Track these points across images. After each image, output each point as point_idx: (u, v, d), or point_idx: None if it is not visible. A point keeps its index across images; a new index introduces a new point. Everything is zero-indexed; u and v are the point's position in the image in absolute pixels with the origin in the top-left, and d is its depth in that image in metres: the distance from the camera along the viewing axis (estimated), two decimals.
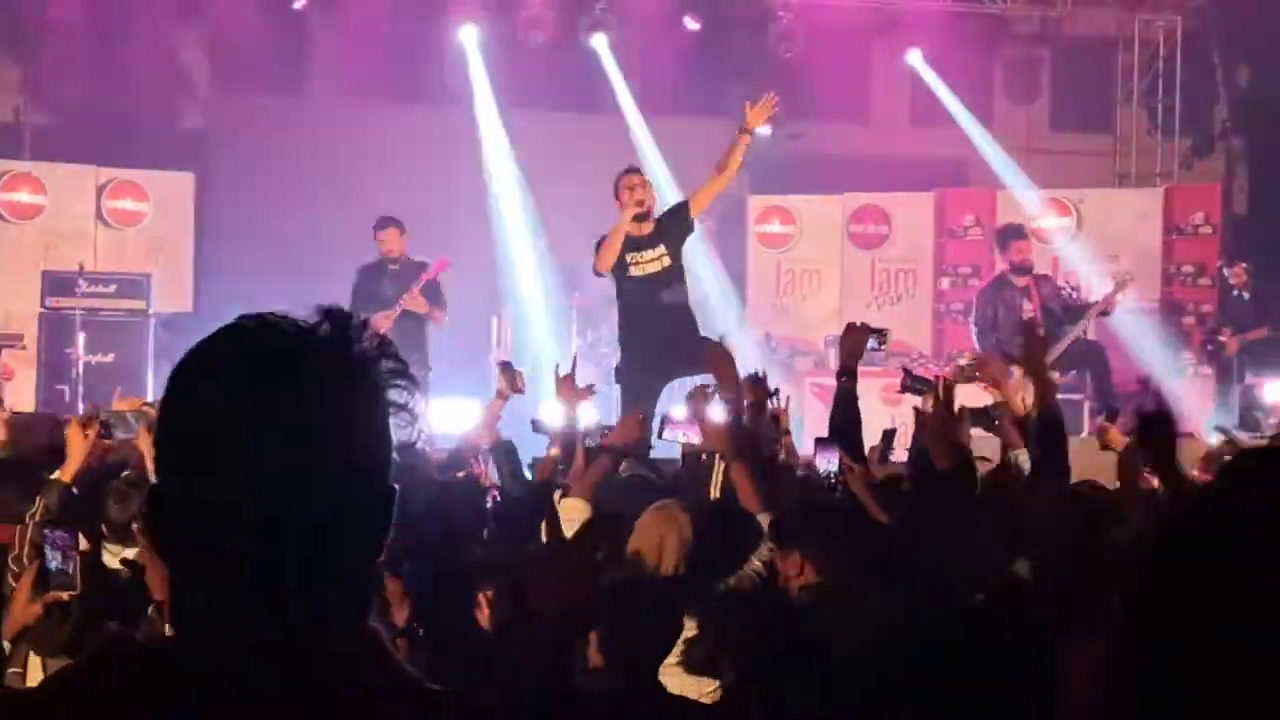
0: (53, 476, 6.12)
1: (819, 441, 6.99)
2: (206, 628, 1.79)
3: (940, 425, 6.02)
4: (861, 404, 7.30)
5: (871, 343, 7.63)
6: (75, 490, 6.14)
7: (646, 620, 4.62)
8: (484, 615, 5.72)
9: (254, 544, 1.75)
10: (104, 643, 1.83)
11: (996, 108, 19.58)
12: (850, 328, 7.67)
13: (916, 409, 6.53)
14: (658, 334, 10.68)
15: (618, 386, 11.04)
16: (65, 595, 5.03)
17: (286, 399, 1.77)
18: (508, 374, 8.79)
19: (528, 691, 2.04)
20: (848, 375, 7.34)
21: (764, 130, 18.78)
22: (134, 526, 6.06)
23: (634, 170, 11.30)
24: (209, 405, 1.78)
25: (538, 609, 2.98)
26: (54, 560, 4.98)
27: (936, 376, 7.49)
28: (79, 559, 5.11)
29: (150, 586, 4.91)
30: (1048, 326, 13.57)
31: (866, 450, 7.32)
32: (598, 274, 11.10)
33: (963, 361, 8.04)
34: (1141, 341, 16.08)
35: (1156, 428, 5.59)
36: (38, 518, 5.75)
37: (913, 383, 7.84)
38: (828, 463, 6.73)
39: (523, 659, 2.00)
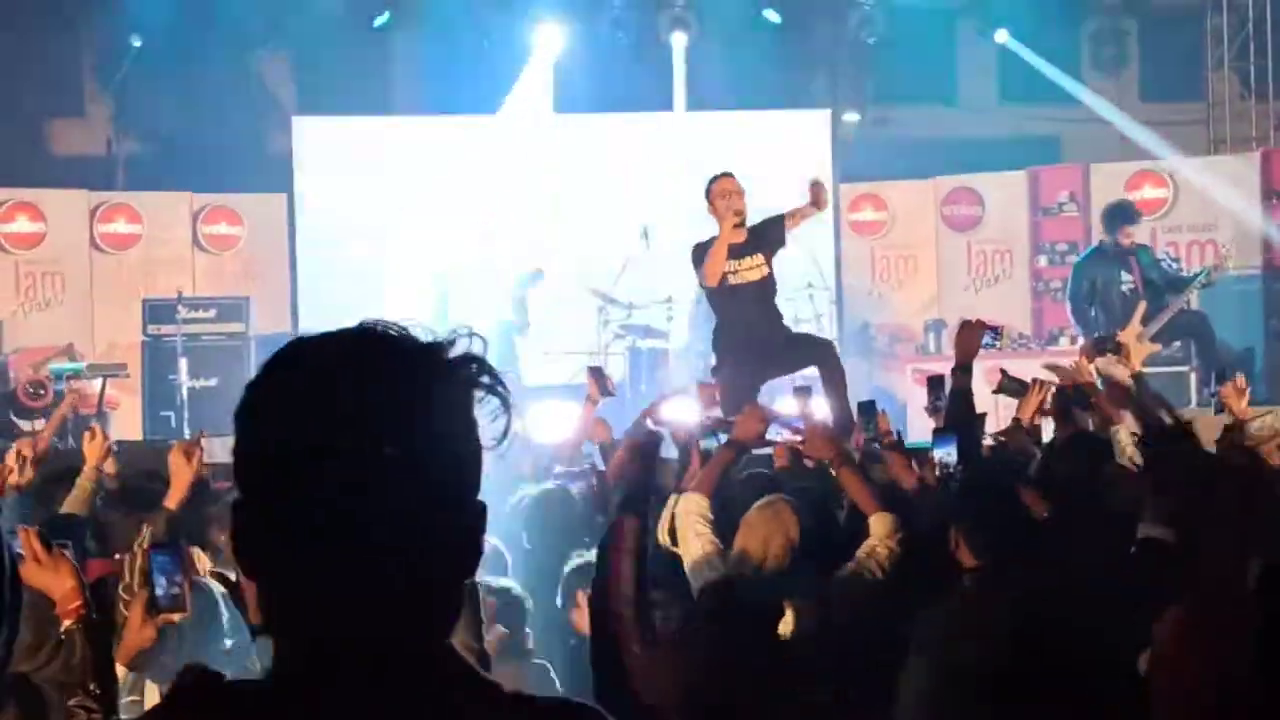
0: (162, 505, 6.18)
1: (937, 433, 6.97)
2: (301, 652, 1.77)
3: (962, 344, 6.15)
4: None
5: (986, 339, 7.61)
6: (181, 516, 6.19)
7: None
8: (580, 616, 5.72)
9: (341, 563, 1.73)
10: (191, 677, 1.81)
11: (1085, 82, 19.36)
12: (965, 324, 7.64)
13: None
14: (755, 339, 10.66)
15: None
16: (176, 618, 5.06)
17: (374, 409, 1.73)
18: (598, 378, 8.79)
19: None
20: (963, 372, 7.29)
21: (851, 116, 18.83)
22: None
23: (727, 175, 11.11)
24: (288, 419, 1.75)
25: None
26: (162, 585, 5.00)
27: (1034, 380, 7.44)
28: (188, 581, 5.14)
29: (246, 608, 4.93)
30: (1149, 298, 13.41)
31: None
32: (704, 287, 11.05)
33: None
34: (1245, 309, 15.86)
35: None
36: (145, 545, 5.80)
37: (1008, 383, 7.76)
38: (946, 454, 6.70)
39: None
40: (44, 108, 18.53)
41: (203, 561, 6.37)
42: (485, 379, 1.80)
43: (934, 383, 8.32)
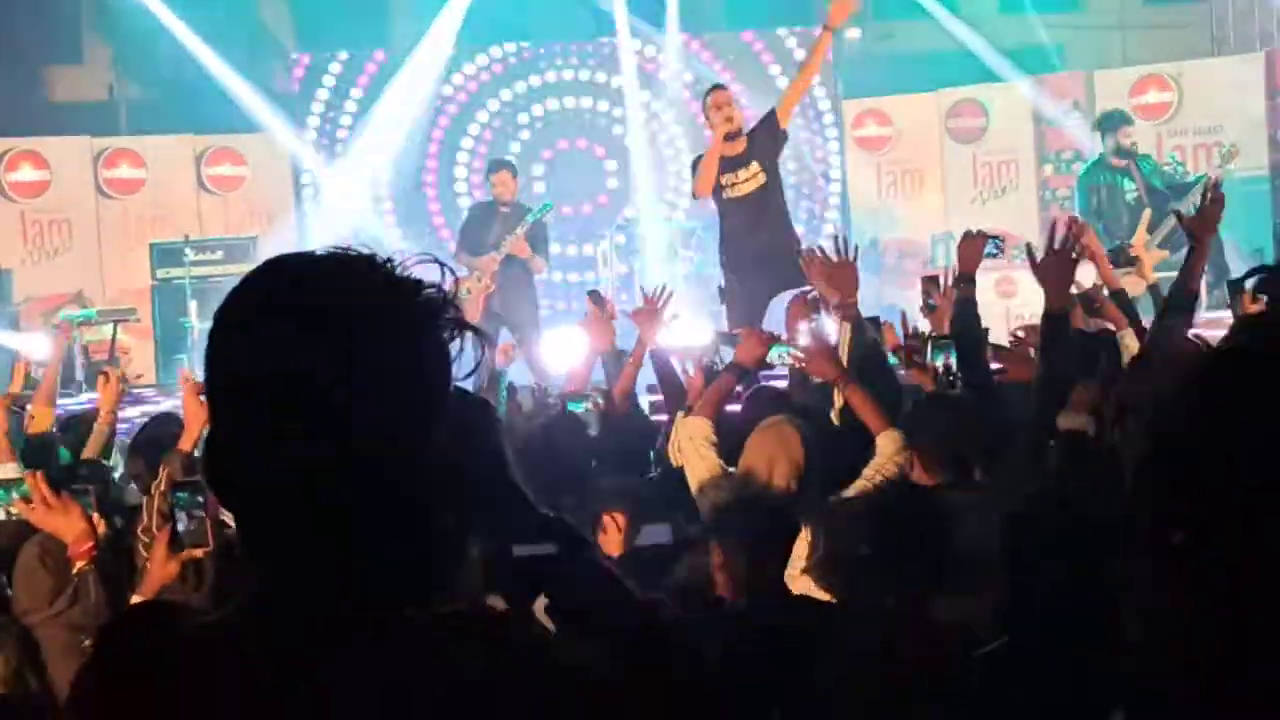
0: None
1: (936, 340, 6.99)
2: (265, 584, 1.78)
3: (1059, 264, 6.06)
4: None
5: (988, 248, 7.59)
6: (196, 456, 6.22)
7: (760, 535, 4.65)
8: (606, 539, 5.75)
9: (303, 489, 1.73)
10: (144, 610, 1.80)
11: None
12: (967, 236, 7.62)
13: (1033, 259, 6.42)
14: (759, 252, 10.64)
15: (724, 307, 11.02)
16: (199, 552, 5.09)
17: (334, 338, 1.72)
18: (597, 302, 8.79)
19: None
20: (966, 282, 7.29)
21: (853, 32, 18.70)
22: None
23: (719, 88, 11.24)
24: (251, 351, 1.75)
25: None
26: (184, 520, 5.03)
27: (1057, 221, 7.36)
28: (210, 517, 5.17)
29: None
30: (1153, 205, 13.37)
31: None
32: (695, 197, 11.09)
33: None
34: (1253, 211, 15.79)
35: None
36: (162, 487, 5.84)
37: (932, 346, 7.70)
38: (946, 360, 6.73)
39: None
40: (42, 55, 18.47)
41: None
42: (450, 312, 1.80)
43: (928, 282, 8.32)
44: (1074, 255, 6.35)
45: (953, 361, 6.70)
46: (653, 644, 1.89)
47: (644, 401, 8.64)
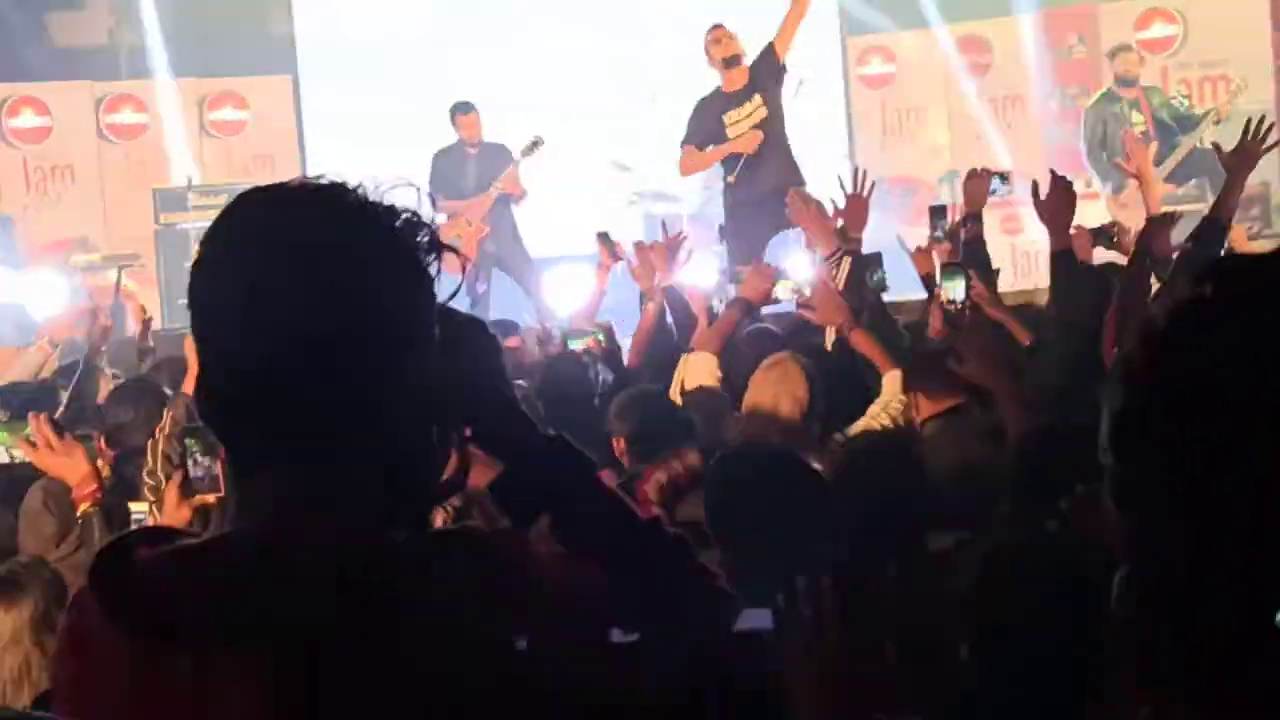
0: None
1: (944, 268, 6.97)
2: (247, 510, 1.78)
3: (1058, 200, 6.06)
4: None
5: (995, 185, 7.59)
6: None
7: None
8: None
9: (286, 419, 1.74)
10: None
11: None
12: (973, 173, 7.63)
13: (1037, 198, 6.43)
14: (762, 188, 10.62)
15: (725, 247, 11.02)
16: (211, 498, 5.09)
17: (306, 267, 1.74)
18: (606, 244, 8.78)
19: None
20: (974, 220, 7.30)
21: None
22: None
23: (716, 26, 11.26)
24: (229, 283, 1.77)
25: None
26: (196, 466, 5.01)
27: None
28: (221, 462, 5.17)
29: None
30: (1160, 138, 13.32)
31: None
32: (682, 175, 11.19)
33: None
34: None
35: None
36: (166, 430, 5.84)
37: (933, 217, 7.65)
38: (954, 290, 6.71)
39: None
40: (43, 1, 18.38)
41: None
42: (426, 235, 1.79)
43: (935, 212, 8.29)
44: (1072, 190, 6.39)
45: (961, 292, 6.69)
46: (654, 562, 1.88)
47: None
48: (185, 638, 1.69)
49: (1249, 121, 7.08)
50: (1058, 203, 6.36)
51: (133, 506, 4.83)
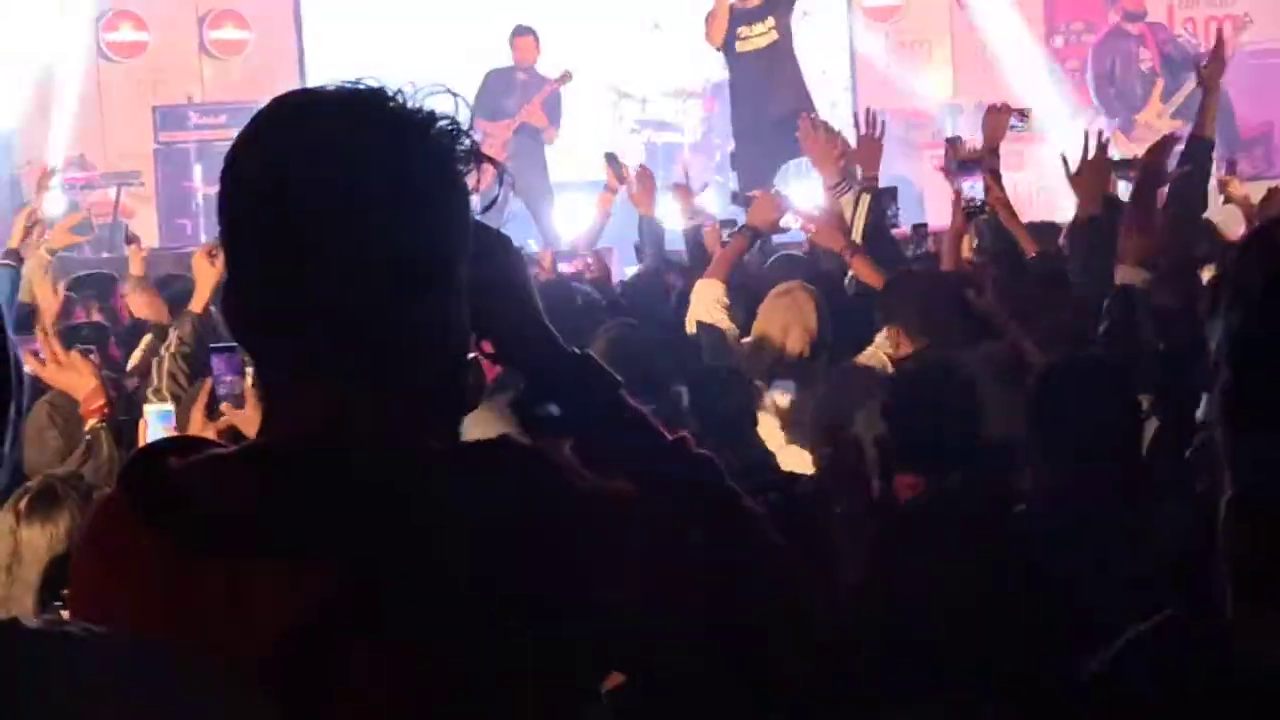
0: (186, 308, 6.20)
1: (962, 165, 6.98)
2: (279, 423, 1.77)
3: (1094, 173, 6.08)
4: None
5: (1014, 120, 7.60)
6: (207, 318, 6.20)
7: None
8: None
9: (317, 332, 1.72)
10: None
11: None
12: (992, 109, 7.64)
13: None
14: (772, 114, 10.57)
15: (734, 174, 10.98)
16: (239, 416, 5.06)
17: (343, 173, 1.70)
18: (613, 166, 8.76)
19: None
20: (991, 154, 7.31)
21: None
22: None
23: None
24: (262, 190, 1.73)
25: None
26: (222, 385, 4.99)
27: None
28: (245, 379, 5.14)
29: None
30: (1167, 75, 13.27)
31: None
32: (711, 44, 11.01)
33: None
34: (1266, 83, 15.67)
35: None
36: (173, 349, 5.82)
37: (958, 167, 7.64)
38: (971, 188, 6.73)
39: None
40: None
41: None
42: (465, 144, 1.77)
43: (951, 144, 8.28)
44: (1107, 160, 6.48)
45: (980, 191, 6.71)
46: (682, 480, 1.88)
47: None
48: (222, 544, 1.68)
49: (1218, 31, 7.23)
50: (1094, 175, 6.38)
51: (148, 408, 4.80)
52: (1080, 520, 3.48)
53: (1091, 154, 6.35)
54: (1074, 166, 6.45)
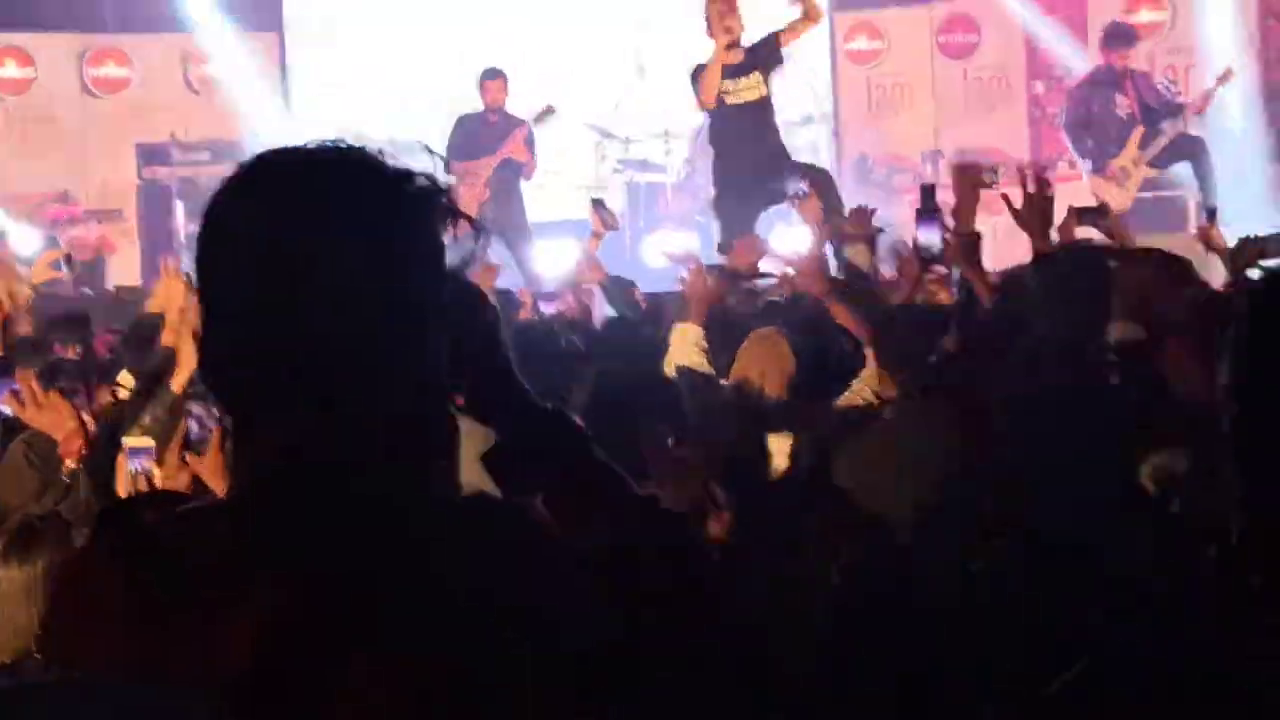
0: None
1: (919, 214, 6.95)
2: (250, 470, 1.78)
3: (1038, 208, 5.98)
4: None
5: (986, 177, 7.58)
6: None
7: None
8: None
9: (292, 382, 1.74)
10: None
11: None
12: (959, 169, 7.58)
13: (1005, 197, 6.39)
14: (755, 163, 10.65)
15: (715, 219, 11.04)
16: (210, 462, 5.06)
17: (322, 228, 1.73)
18: (600, 211, 8.78)
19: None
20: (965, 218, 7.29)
21: None
22: None
23: None
24: (240, 243, 1.76)
25: None
26: (194, 429, 5.01)
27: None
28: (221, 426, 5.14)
29: None
30: (1146, 122, 13.33)
31: None
32: (703, 107, 11.08)
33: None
34: (1245, 131, 15.76)
35: None
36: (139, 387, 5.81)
37: (916, 215, 7.57)
38: (927, 236, 6.69)
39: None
40: None
41: None
42: (443, 200, 1.80)
43: (925, 191, 8.27)
44: (1048, 196, 6.39)
45: (937, 239, 6.70)
46: (652, 536, 1.89)
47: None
48: (194, 592, 1.69)
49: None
50: (1038, 210, 6.37)
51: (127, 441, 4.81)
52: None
53: (1031, 188, 6.30)
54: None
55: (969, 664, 3.33)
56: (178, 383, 6.06)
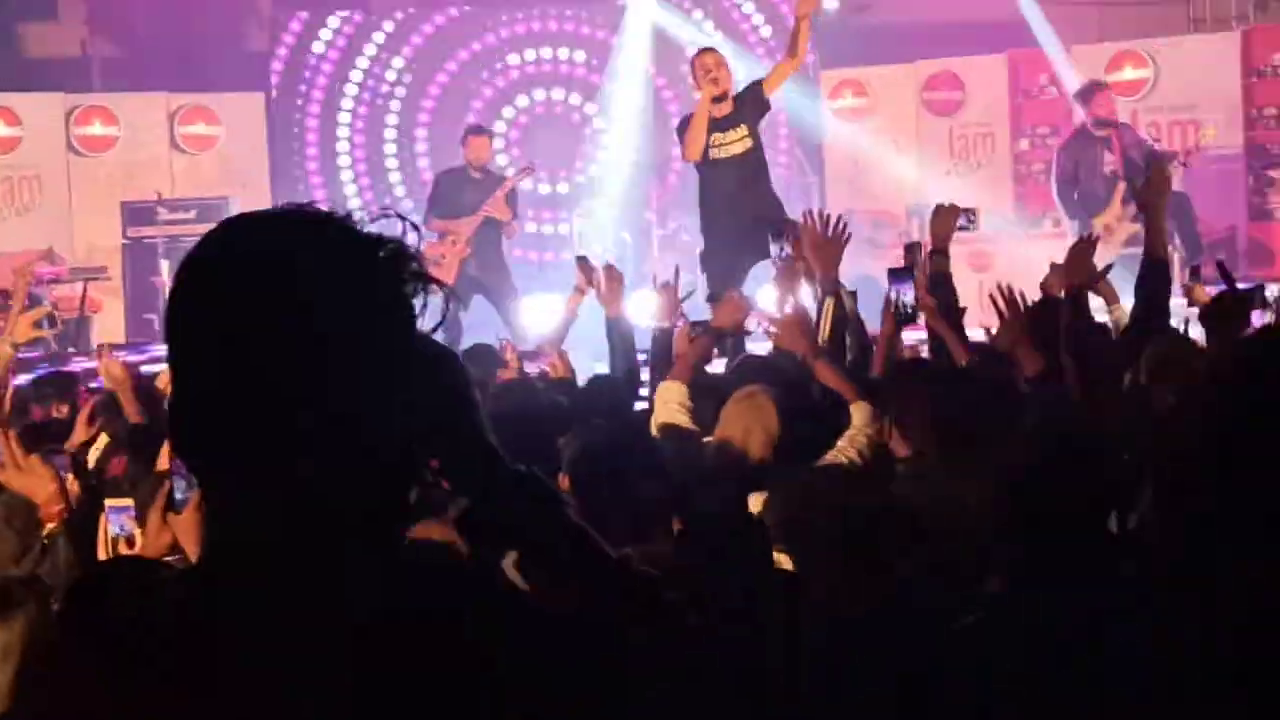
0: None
1: (892, 273, 6.97)
2: (222, 538, 1.77)
3: (1020, 331, 5.92)
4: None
5: (961, 221, 7.62)
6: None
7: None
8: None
9: (265, 450, 1.72)
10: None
11: None
12: (939, 209, 7.64)
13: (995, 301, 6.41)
14: (743, 218, 10.64)
15: (703, 275, 11.02)
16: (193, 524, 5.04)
17: (290, 295, 1.72)
18: (584, 269, 8.77)
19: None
20: (940, 255, 7.32)
21: (831, 3, 18.66)
22: None
23: (709, 50, 11.24)
24: (209, 308, 1.74)
25: None
26: (179, 489, 4.97)
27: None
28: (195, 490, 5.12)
29: None
30: (1130, 178, 13.37)
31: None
32: (688, 161, 11.08)
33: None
34: (1227, 188, 15.84)
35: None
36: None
37: (890, 274, 7.54)
38: (900, 294, 6.71)
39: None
40: (16, 11, 18.33)
41: None
42: (413, 266, 1.79)
43: (910, 249, 8.31)
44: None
45: (911, 297, 6.71)
46: (623, 600, 1.88)
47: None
48: (158, 668, 1.68)
49: (1156, 159, 7.30)
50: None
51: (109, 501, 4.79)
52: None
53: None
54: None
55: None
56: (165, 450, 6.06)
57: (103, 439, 6.64)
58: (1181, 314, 8.18)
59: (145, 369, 9.10)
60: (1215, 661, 1.64)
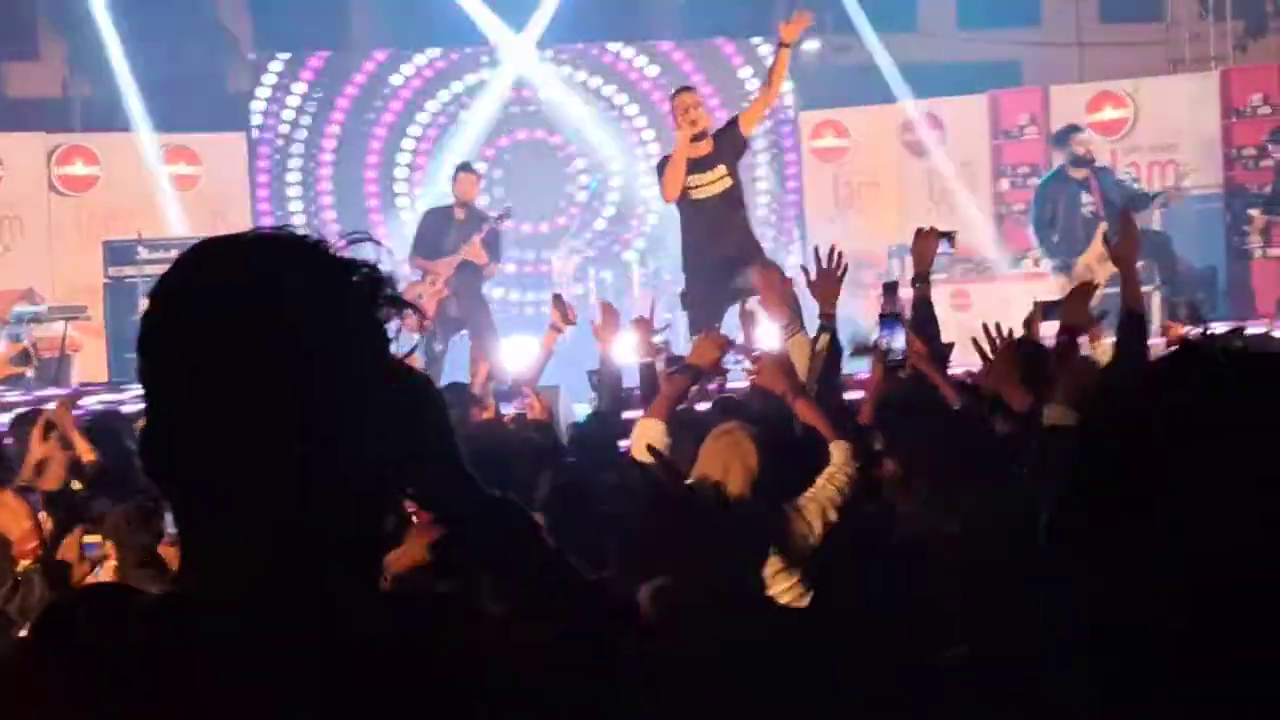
0: None
1: (883, 318, 6.97)
2: (214, 571, 1.76)
3: (1009, 369, 5.92)
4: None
5: (942, 245, 7.62)
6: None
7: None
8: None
9: (235, 478, 1.71)
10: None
11: (1045, 4, 19.32)
12: (920, 233, 7.65)
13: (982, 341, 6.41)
14: (723, 257, 10.65)
15: (685, 313, 11.03)
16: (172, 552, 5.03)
17: (261, 320, 1.70)
18: (560, 306, 8.78)
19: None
20: (922, 281, 7.32)
21: (812, 44, 18.74)
22: None
23: (686, 90, 11.26)
24: (181, 335, 1.72)
25: None
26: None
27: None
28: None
29: None
30: (1109, 219, 13.42)
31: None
32: (667, 202, 11.10)
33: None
34: (1206, 228, 15.90)
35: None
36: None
37: (879, 320, 7.52)
38: (889, 339, 6.71)
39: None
40: None
41: None
42: (385, 290, 1.78)
43: (888, 288, 8.32)
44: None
45: (901, 342, 6.71)
46: (598, 626, 1.88)
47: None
48: (135, 691, 1.66)
49: (1124, 212, 7.27)
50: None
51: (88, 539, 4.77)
52: None
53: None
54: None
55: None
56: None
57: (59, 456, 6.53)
58: (1161, 353, 8.19)
59: (125, 409, 9.09)
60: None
